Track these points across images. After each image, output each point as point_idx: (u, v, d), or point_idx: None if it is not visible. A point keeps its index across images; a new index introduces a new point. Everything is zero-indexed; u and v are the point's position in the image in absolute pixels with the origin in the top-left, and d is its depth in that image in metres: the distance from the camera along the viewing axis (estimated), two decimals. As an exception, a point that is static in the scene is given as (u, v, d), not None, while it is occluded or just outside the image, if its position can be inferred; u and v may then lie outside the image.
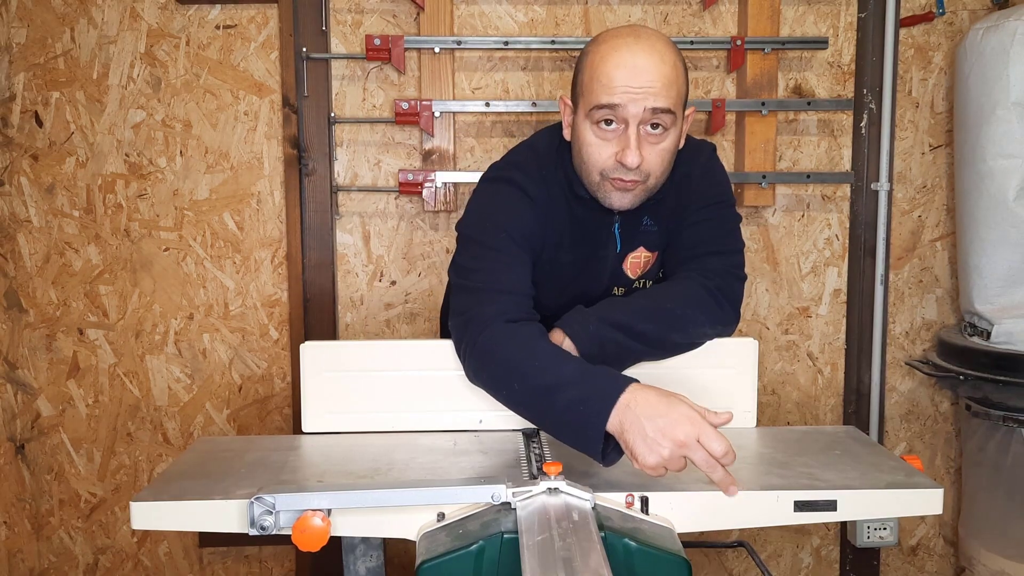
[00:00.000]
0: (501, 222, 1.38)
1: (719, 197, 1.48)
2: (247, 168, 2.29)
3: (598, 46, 1.34)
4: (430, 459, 1.24)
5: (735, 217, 1.50)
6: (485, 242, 1.37)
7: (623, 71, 1.28)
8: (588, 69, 1.33)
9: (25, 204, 2.29)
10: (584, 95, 1.34)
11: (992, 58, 2.02)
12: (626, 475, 1.15)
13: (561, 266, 1.45)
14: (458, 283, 1.38)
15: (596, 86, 1.30)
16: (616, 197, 1.36)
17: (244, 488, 1.10)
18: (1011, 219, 2.04)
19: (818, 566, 2.50)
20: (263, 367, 2.36)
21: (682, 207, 1.46)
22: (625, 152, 1.30)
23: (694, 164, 1.47)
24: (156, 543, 2.42)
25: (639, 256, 1.48)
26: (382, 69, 2.27)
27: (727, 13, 2.28)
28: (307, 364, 1.37)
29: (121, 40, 2.25)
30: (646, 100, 1.28)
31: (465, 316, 1.31)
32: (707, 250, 1.44)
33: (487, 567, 0.97)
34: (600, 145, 1.33)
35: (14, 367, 2.34)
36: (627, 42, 1.31)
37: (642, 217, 1.45)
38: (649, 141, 1.31)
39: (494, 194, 1.44)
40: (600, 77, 1.30)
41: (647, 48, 1.30)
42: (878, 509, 1.12)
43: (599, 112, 1.30)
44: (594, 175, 1.35)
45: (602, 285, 1.49)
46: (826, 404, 2.43)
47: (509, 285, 1.33)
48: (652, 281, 1.52)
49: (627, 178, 1.32)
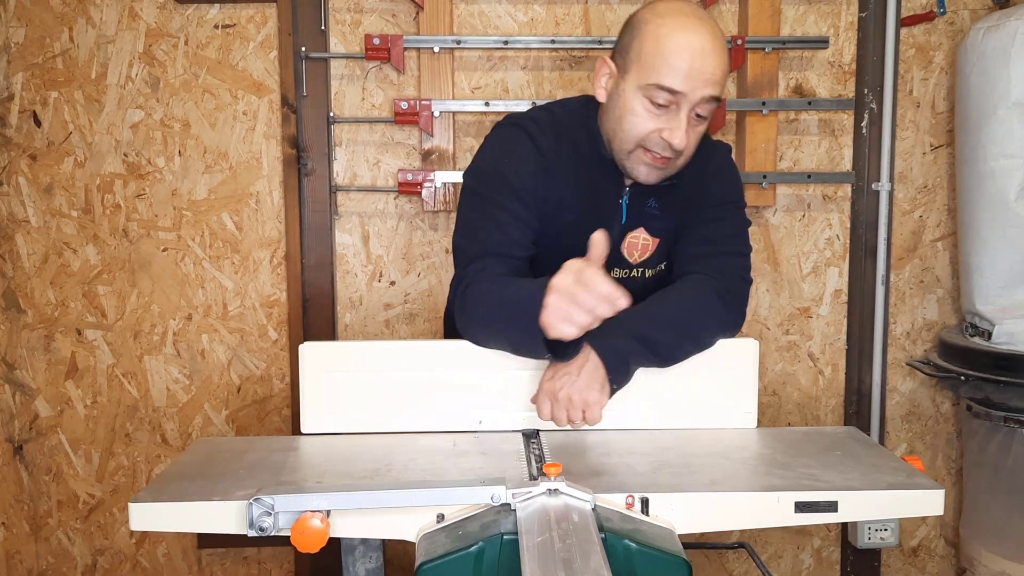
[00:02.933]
0: (503, 171, 1.40)
1: (734, 197, 1.48)
2: (246, 168, 2.29)
3: (662, 18, 1.32)
4: (429, 460, 1.23)
5: (746, 221, 1.50)
6: (483, 194, 1.41)
7: (690, 56, 1.28)
8: (651, 39, 1.31)
9: (23, 204, 2.29)
10: (641, 66, 1.32)
11: (993, 58, 2.02)
12: (627, 476, 1.14)
13: (562, 225, 1.43)
14: (456, 239, 1.44)
15: (660, 63, 1.29)
16: (644, 171, 1.37)
17: (243, 489, 1.09)
18: (1012, 219, 2.04)
19: (819, 567, 2.49)
20: (262, 368, 2.36)
21: (695, 202, 1.45)
22: (674, 133, 1.31)
23: (710, 161, 1.47)
24: (155, 544, 2.41)
25: (637, 237, 1.46)
26: (381, 69, 2.27)
27: (727, 12, 2.28)
28: (306, 365, 1.36)
29: (120, 40, 2.24)
30: (706, 88, 1.29)
31: (457, 277, 1.40)
32: (719, 250, 1.43)
33: (487, 568, 0.96)
34: (646, 118, 1.33)
35: (12, 368, 2.34)
36: (693, 23, 1.30)
37: (648, 198, 1.44)
38: (693, 123, 1.33)
39: (503, 140, 1.45)
40: (666, 55, 1.28)
41: (711, 33, 1.30)
42: (879, 510, 1.11)
43: (658, 92, 1.30)
44: (629, 144, 1.35)
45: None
46: (827, 405, 2.43)
47: (495, 247, 1.37)
48: (652, 271, 1.50)
49: (666, 154, 1.33)
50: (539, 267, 1.41)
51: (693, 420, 1.38)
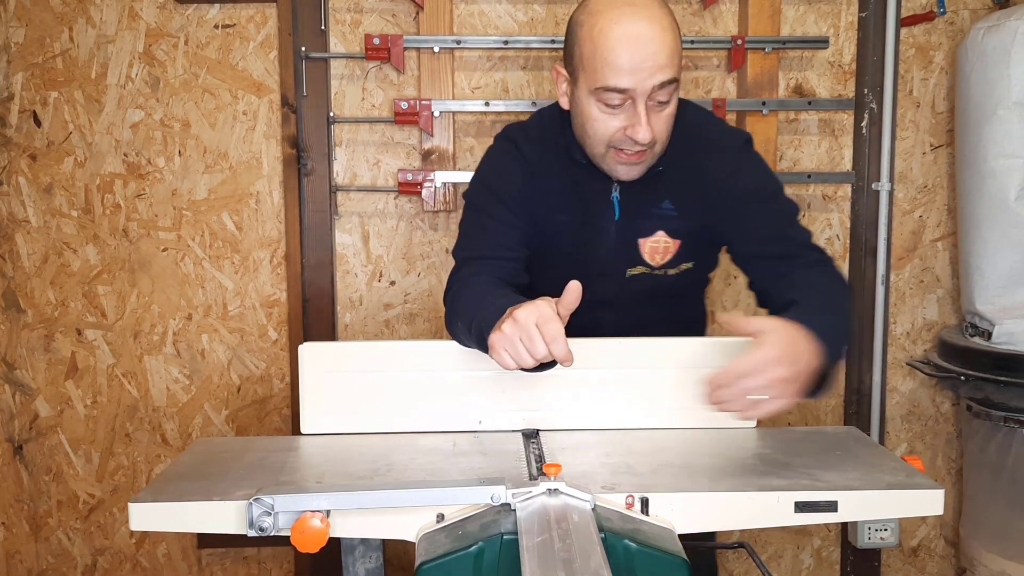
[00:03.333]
0: (489, 181, 1.47)
1: (771, 187, 1.46)
2: (246, 168, 2.29)
3: (594, 17, 1.29)
4: (429, 460, 1.23)
5: (792, 204, 1.50)
6: (473, 203, 1.48)
7: (627, 48, 1.24)
8: (588, 42, 1.29)
9: (23, 204, 2.29)
10: (585, 71, 1.30)
11: (993, 58, 2.02)
12: (627, 476, 1.14)
13: (559, 225, 1.45)
14: (453, 248, 1.49)
15: (599, 64, 1.27)
16: (623, 170, 1.36)
17: (243, 489, 1.09)
18: (1012, 219, 2.04)
19: (819, 567, 2.49)
20: (262, 368, 2.36)
21: (720, 202, 1.41)
22: (636, 128, 1.29)
23: (727, 152, 1.43)
24: (155, 544, 2.41)
25: (658, 241, 1.45)
26: (381, 68, 2.27)
27: (727, 12, 2.28)
28: (306, 365, 1.36)
29: (119, 39, 2.24)
30: (653, 77, 1.26)
31: (449, 281, 1.44)
32: (801, 240, 1.42)
33: (487, 568, 0.96)
34: (606, 120, 1.31)
35: (12, 367, 2.34)
36: (625, 13, 1.26)
37: (661, 200, 1.43)
38: (655, 111, 1.30)
39: (493, 153, 1.51)
40: (603, 54, 1.26)
41: (648, 16, 1.26)
42: (879, 510, 1.11)
43: (607, 94, 1.28)
44: (599, 147, 1.35)
45: (600, 253, 1.47)
46: (827, 405, 2.43)
47: (482, 250, 1.42)
48: (675, 270, 1.48)
49: (636, 149, 1.32)
50: (539, 265, 1.47)
51: (693, 420, 1.38)
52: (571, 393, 1.36)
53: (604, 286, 1.45)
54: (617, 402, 1.37)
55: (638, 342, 1.39)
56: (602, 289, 1.43)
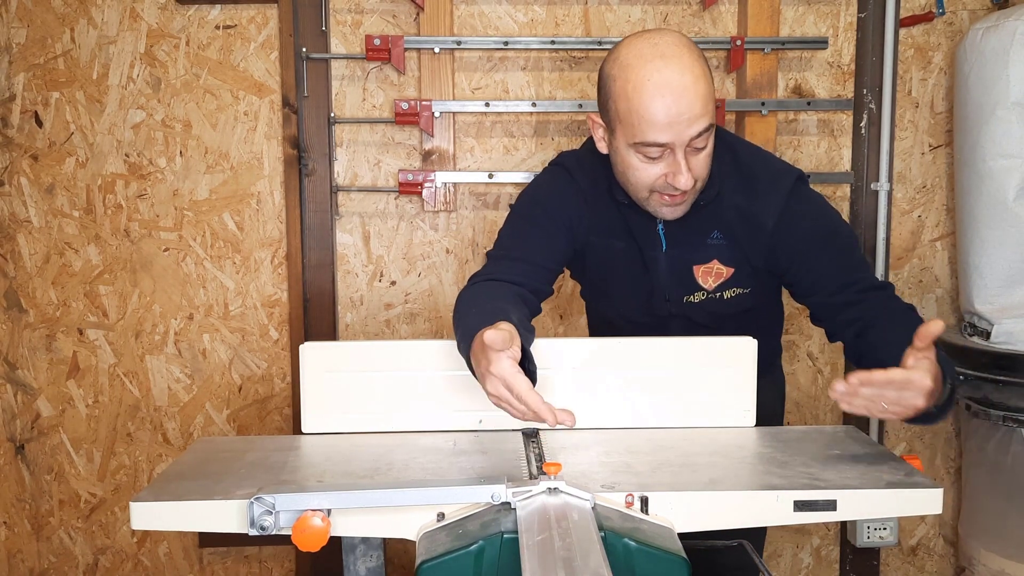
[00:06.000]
0: (539, 196, 1.49)
1: (831, 227, 1.45)
2: (247, 168, 2.29)
3: (626, 72, 1.29)
4: (430, 459, 1.24)
5: (852, 236, 1.52)
6: (518, 212, 1.49)
7: (662, 104, 1.26)
8: (622, 99, 1.30)
9: (25, 204, 2.29)
10: (623, 124, 1.31)
11: (992, 58, 2.02)
12: (626, 475, 1.15)
13: (615, 253, 1.49)
14: (487, 252, 1.50)
15: (635, 120, 1.28)
16: (668, 211, 1.39)
17: (244, 488, 1.09)
18: (1011, 219, 2.04)
19: (818, 566, 2.50)
20: (263, 367, 2.36)
21: (778, 244, 1.41)
22: (676, 176, 1.31)
23: (778, 195, 1.42)
24: (156, 543, 2.42)
25: (711, 268, 1.47)
26: (382, 69, 2.27)
27: (727, 13, 2.28)
28: (307, 364, 1.37)
29: (121, 40, 2.25)
30: (691, 128, 1.28)
31: (469, 279, 1.43)
32: (868, 284, 1.41)
33: (487, 567, 0.97)
34: (646, 168, 1.34)
35: (14, 367, 2.35)
36: (657, 66, 1.26)
37: (711, 231, 1.44)
38: (693, 155, 1.32)
39: (544, 175, 1.55)
40: (639, 111, 1.27)
41: (680, 67, 1.26)
42: (878, 509, 1.11)
43: (646, 148, 1.30)
44: (642, 192, 1.38)
45: (657, 280, 1.49)
46: (826, 404, 2.43)
47: (514, 252, 1.43)
48: (730, 293, 1.49)
49: (678, 193, 1.34)
50: (605, 287, 1.57)
51: (692, 419, 1.38)
52: (571, 392, 1.37)
53: (667, 308, 1.51)
54: (617, 401, 1.38)
55: (638, 342, 1.40)
56: (664, 310, 1.51)
